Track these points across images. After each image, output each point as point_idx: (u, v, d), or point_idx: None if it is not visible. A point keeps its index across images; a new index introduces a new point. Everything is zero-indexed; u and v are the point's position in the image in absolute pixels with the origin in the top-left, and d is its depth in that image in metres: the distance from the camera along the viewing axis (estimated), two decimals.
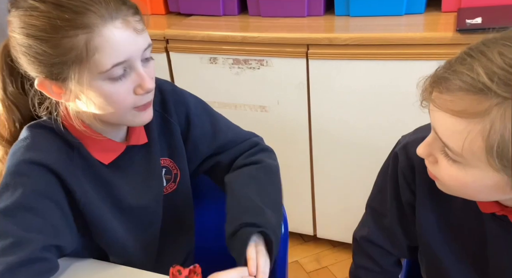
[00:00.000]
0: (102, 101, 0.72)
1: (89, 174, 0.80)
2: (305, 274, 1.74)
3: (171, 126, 0.89)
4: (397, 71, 1.37)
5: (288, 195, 1.71)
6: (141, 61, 0.72)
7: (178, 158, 0.91)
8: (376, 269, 0.87)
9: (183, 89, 0.94)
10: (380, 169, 0.83)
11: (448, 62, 0.55)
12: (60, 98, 0.74)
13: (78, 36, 0.66)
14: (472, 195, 0.60)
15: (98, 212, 0.80)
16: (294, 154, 1.65)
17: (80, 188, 0.78)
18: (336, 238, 1.80)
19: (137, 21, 0.71)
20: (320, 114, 1.53)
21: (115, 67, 0.69)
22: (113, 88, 0.71)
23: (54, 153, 0.76)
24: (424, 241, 0.76)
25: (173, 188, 0.92)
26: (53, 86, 0.72)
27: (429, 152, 0.60)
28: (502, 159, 0.50)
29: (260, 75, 1.54)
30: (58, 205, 0.75)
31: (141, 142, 0.85)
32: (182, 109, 0.90)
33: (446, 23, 1.35)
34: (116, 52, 0.68)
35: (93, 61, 0.67)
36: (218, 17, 1.67)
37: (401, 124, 1.40)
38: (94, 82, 0.70)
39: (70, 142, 0.78)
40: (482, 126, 0.50)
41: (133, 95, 0.73)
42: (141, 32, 0.71)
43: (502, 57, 0.49)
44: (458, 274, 0.74)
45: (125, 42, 0.68)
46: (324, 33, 1.41)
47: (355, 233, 0.90)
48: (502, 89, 0.48)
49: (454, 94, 0.52)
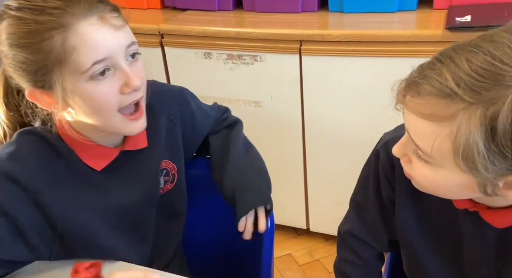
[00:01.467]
0: (89, 105, 0.71)
1: (76, 182, 0.79)
2: (297, 267, 1.76)
3: (175, 129, 0.91)
4: (389, 68, 1.38)
5: (281, 189, 1.74)
6: (126, 59, 0.72)
7: (176, 159, 0.92)
8: (359, 263, 0.89)
9: (187, 91, 0.97)
10: (364, 165, 0.85)
11: (420, 66, 0.57)
12: (51, 108, 0.74)
13: (54, 37, 0.66)
14: (444, 193, 0.62)
15: (81, 221, 0.79)
16: (287, 148, 1.67)
17: (60, 202, 0.77)
18: (329, 231, 1.82)
19: (115, 17, 0.70)
20: (313, 110, 1.55)
21: (96, 65, 0.68)
22: (98, 88, 0.70)
23: (34, 166, 0.75)
24: (403, 235, 0.78)
25: (169, 187, 0.93)
26: (44, 97, 0.72)
27: (403, 152, 0.62)
28: (468, 161, 0.52)
29: (254, 70, 1.55)
30: (14, 222, 0.74)
31: (139, 147, 0.84)
32: (187, 108, 0.93)
33: (437, 20, 1.36)
34: (95, 50, 0.67)
35: (73, 61, 0.67)
36: (213, 12, 1.68)
37: (392, 120, 1.41)
38: (78, 85, 0.69)
39: (60, 150, 0.78)
40: (450, 129, 0.52)
41: (119, 95, 0.72)
42: (120, 29, 0.70)
43: (469, 64, 0.51)
44: (435, 267, 0.76)
45: (102, 38, 0.68)
46: (317, 30, 1.43)
47: (339, 227, 0.92)
48: (468, 94, 0.50)
49: (424, 98, 0.54)
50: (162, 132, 0.88)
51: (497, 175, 0.52)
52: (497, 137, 0.49)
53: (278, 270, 1.75)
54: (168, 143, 0.90)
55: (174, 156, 0.92)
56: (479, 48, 0.52)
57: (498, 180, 0.53)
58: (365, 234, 0.86)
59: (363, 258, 0.88)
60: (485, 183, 0.54)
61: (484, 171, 0.51)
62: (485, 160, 0.51)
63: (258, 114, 1.62)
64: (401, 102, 0.58)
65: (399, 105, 0.59)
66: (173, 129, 0.90)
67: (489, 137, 0.50)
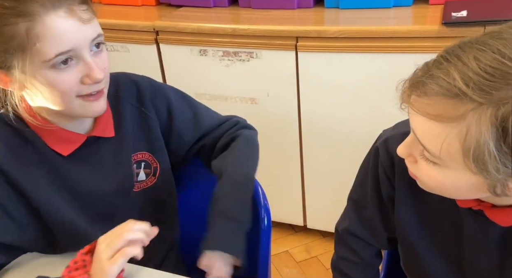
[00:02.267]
0: (47, 90, 0.71)
1: (44, 166, 0.79)
2: (294, 264, 1.76)
3: (149, 120, 0.89)
4: (385, 63, 1.38)
5: (278, 186, 1.74)
6: (90, 51, 0.72)
7: (156, 151, 0.91)
8: (356, 260, 0.88)
9: (161, 82, 0.95)
10: (362, 162, 0.84)
11: (426, 65, 0.55)
12: (7, 87, 0.73)
13: (19, 24, 0.66)
14: (451, 194, 0.61)
15: (53, 206, 0.80)
16: (284, 145, 1.66)
17: (31, 183, 0.78)
18: (326, 228, 1.82)
19: (84, 10, 0.70)
20: (310, 107, 1.55)
21: (60, 56, 0.68)
22: (58, 77, 0.70)
23: (3, 149, 0.76)
24: (402, 232, 0.77)
25: (153, 181, 0.92)
26: (2, 75, 0.72)
27: (408, 152, 0.61)
28: (478, 163, 0.51)
29: (250, 67, 1.54)
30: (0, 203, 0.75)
31: (107, 134, 0.84)
32: (162, 102, 0.91)
33: (433, 16, 1.36)
34: (60, 41, 0.67)
35: (36, 50, 0.67)
36: (209, 8, 1.67)
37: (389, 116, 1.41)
38: (39, 71, 0.69)
39: (25, 135, 0.78)
40: (459, 130, 0.51)
41: (79, 84, 0.72)
42: (88, 22, 0.70)
43: (477, 62, 0.49)
44: (434, 265, 0.76)
45: (69, 31, 0.68)
46: (313, 26, 1.42)
47: (337, 225, 0.91)
48: (478, 94, 0.49)
49: (431, 99, 0.52)
50: (128, 121, 0.87)
51: (508, 175, 0.51)
52: (509, 138, 0.48)
53: (275, 267, 1.75)
54: (141, 134, 0.89)
55: (153, 148, 0.91)
56: (487, 46, 0.50)
57: (509, 181, 0.52)
58: (363, 232, 0.86)
59: (361, 256, 0.88)
60: (495, 184, 0.53)
61: (495, 172, 0.50)
62: (496, 161, 0.50)
63: (255, 111, 1.61)
64: (406, 102, 0.56)
65: (404, 105, 0.58)
66: (145, 120, 0.89)
67: (500, 138, 0.49)
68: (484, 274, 0.70)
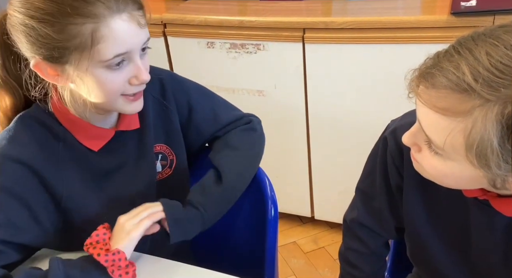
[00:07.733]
0: (95, 87, 0.74)
1: (76, 162, 0.81)
2: (302, 255, 1.78)
3: (169, 113, 0.91)
4: (393, 54, 1.37)
5: (285, 177, 1.75)
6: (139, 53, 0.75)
7: (174, 144, 0.93)
8: (365, 251, 0.89)
9: (182, 76, 0.96)
10: (370, 153, 0.84)
11: (436, 55, 0.55)
12: (54, 81, 0.75)
13: (85, 24, 0.68)
14: (451, 184, 0.61)
15: (83, 202, 0.82)
16: (291, 137, 1.67)
17: (62, 180, 0.80)
18: (333, 219, 1.83)
19: (141, 15, 0.73)
20: (317, 98, 1.55)
21: (116, 58, 0.71)
22: (110, 76, 0.73)
23: (35, 147, 0.78)
24: (410, 222, 0.78)
25: (168, 173, 0.94)
26: (48, 69, 0.73)
27: (413, 141, 0.61)
28: (480, 158, 0.51)
29: (257, 59, 1.54)
30: (26, 204, 0.76)
31: (132, 127, 0.87)
32: (183, 96, 0.93)
33: (442, 5, 1.35)
34: (119, 44, 0.70)
35: (96, 50, 0.69)
36: (216, 0, 1.67)
37: (396, 107, 1.41)
38: (93, 70, 0.72)
39: (57, 132, 0.80)
40: (464, 125, 0.51)
41: (126, 84, 0.76)
42: (144, 27, 0.73)
43: (488, 58, 0.49)
44: (441, 255, 0.76)
45: (128, 34, 0.71)
46: (320, 17, 1.41)
47: (345, 216, 0.92)
48: (486, 91, 0.49)
49: (439, 91, 0.52)
50: (150, 113, 0.89)
51: (508, 171, 0.51)
52: None
53: (283, 258, 1.76)
54: (160, 126, 0.91)
55: (170, 140, 0.93)
56: (501, 41, 0.50)
57: (509, 176, 0.52)
58: (372, 222, 0.86)
59: (370, 247, 0.88)
60: (495, 178, 0.53)
61: (496, 168, 0.51)
62: (498, 158, 0.50)
63: (262, 103, 1.62)
64: (414, 92, 0.56)
65: (411, 94, 0.58)
66: (166, 112, 0.91)
67: (504, 136, 0.49)
68: (490, 264, 0.71)
